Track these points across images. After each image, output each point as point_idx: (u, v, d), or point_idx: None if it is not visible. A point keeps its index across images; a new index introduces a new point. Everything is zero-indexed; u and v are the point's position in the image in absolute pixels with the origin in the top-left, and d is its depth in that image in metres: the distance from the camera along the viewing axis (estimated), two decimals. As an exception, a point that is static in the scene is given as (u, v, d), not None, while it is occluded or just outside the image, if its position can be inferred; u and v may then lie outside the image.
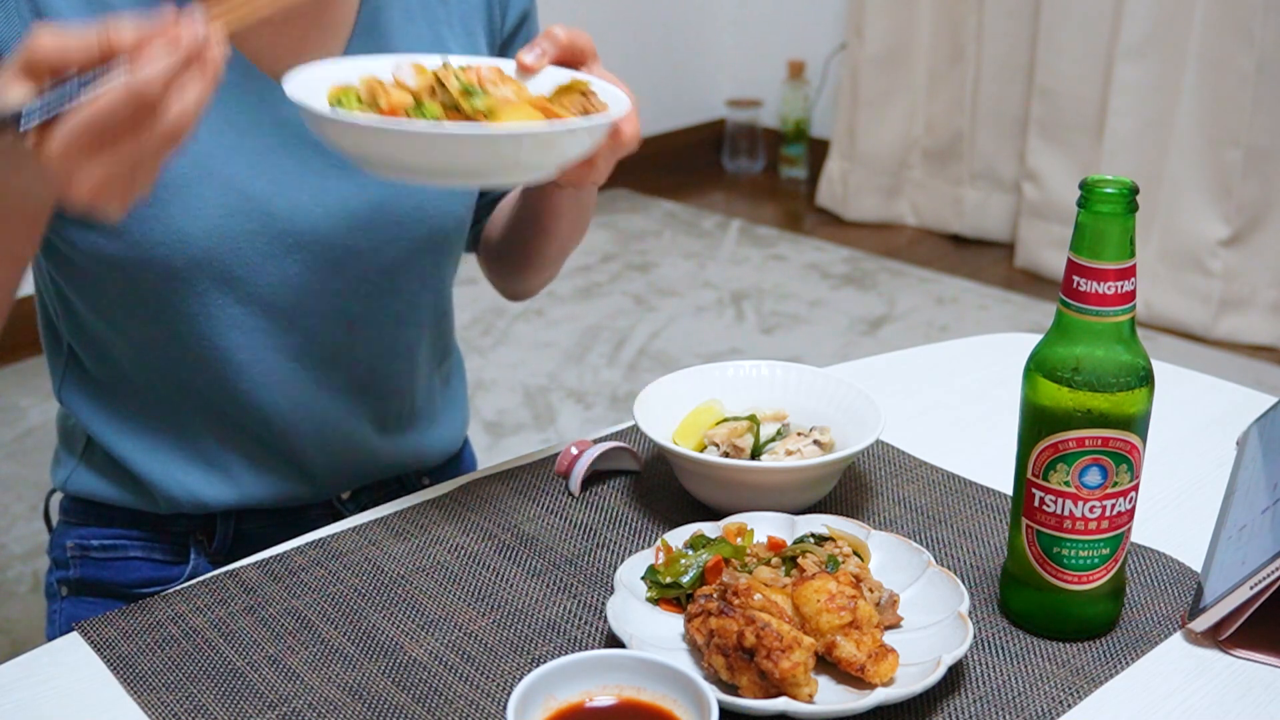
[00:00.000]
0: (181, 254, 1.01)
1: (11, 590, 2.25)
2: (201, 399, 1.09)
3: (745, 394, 1.10)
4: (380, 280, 1.11)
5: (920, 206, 3.99)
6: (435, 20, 1.12)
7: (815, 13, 4.27)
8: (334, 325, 1.10)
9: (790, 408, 1.09)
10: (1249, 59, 3.09)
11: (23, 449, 2.69)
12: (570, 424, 2.83)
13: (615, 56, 4.35)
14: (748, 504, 0.98)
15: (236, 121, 1.02)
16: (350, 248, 1.07)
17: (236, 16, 0.82)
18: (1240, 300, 3.25)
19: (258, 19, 0.83)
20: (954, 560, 0.97)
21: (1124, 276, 0.80)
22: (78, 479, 1.15)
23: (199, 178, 1.00)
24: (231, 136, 1.02)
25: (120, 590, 1.15)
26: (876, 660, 0.80)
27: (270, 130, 1.03)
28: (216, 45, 0.76)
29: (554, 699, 0.75)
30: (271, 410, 1.09)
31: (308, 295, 1.07)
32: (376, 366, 1.14)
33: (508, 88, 0.95)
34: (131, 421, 1.11)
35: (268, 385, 1.09)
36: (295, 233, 1.04)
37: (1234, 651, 0.87)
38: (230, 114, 1.01)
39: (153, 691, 0.83)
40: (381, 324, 1.13)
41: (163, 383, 1.09)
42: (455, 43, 1.13)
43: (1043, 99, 3.54)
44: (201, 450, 1.11)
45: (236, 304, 1.05)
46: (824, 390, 1.09)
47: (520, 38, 1.20)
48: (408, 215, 1.09)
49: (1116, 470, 0.83)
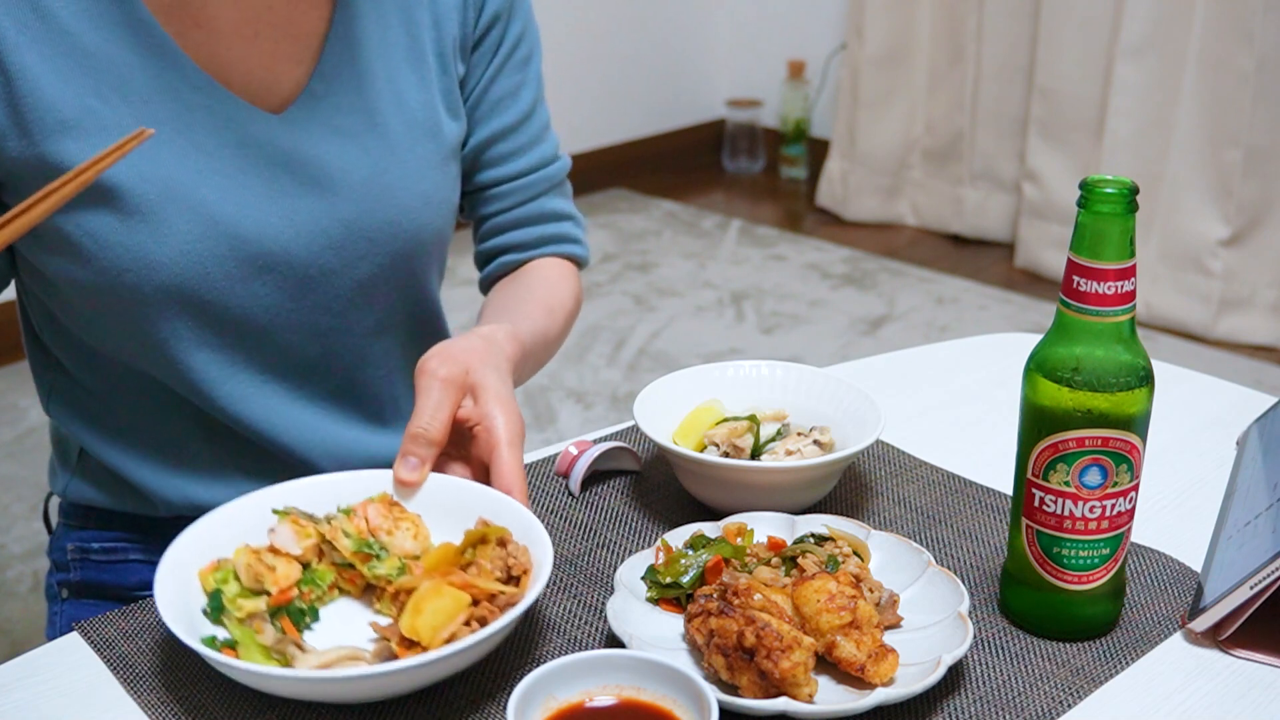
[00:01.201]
0: (150, 281, 1.00)
1: (11, 590, 2.25)
2: (188, 409, 1.09)
3: (745, 394, 1.09)
4: (354, 296, 1.09)
5: (920, 206, 3.99)
6: (414, 24, 1.10)
7: (815, 13, 4.27)
8: (307, 341, 1.09)
9: (790, 408, 1.09)
10: (1249, 59, 3.09)
11: (23, 449, 2.69)
12: (570, 424, 2.83)
13: (616, 57, 4.39)
14: (748, 504, 0.98)
15: (203, 144, 1.00)
16: (323, 267, 1.06)
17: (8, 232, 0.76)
18: (1240, 300, 3.25)
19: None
20: (954, 560, 0.97)
21: (1124, 276, 0.80)
22: (74, 489, 1.15)
23: (165, 203, 0.99)
24: (198, 160, 1.00)
25: (121, 593, 1.15)
26: (876, 660, 0.80)
27: (236, 152, 1.01)
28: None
29: (554, 699, 0.75)
30: (253, 420, 1.09)
31: (279, 314, 1.06)
32: (355, 376, 1.13)
33: (405, 532, 0.90)
34: (121, 431, 1.10)
35: (243, 399, 1.08)
36: (265, 254, 1.03)
37: (1234, 651, 0.87)
38: (196, 137, 1.00)
39: (153, 691, 0.83)
40: (357, 336, 1.12)
41: (148, 395, 1.08)
42: (430, 46, 1.11)
43: (1043, 99, 3.53)
44: (193, 456, 1.10)
45: (205, 326, 1.04)
46: (824, 390, 1.09)
47: (489, 40, 1.15)
48: (380, 231, 1.07)
49: (1116, 470, 0.83)
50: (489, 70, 1.17)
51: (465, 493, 0.94)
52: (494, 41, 1.16)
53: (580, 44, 4.15)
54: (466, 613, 0.82)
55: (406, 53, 1.09)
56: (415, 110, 1.09)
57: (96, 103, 0.97)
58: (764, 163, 4.56)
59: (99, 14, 0.97)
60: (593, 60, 4.24)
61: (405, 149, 1.08)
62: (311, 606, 0.88)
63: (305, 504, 0.92)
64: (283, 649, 0.82)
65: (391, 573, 0.88)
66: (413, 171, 1.09)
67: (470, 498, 0.94)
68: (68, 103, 0.96)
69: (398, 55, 1.09)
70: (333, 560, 0.90)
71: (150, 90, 0.99)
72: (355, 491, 0.94)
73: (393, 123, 1.08)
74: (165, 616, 0.80)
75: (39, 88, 0.95)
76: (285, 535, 0.89)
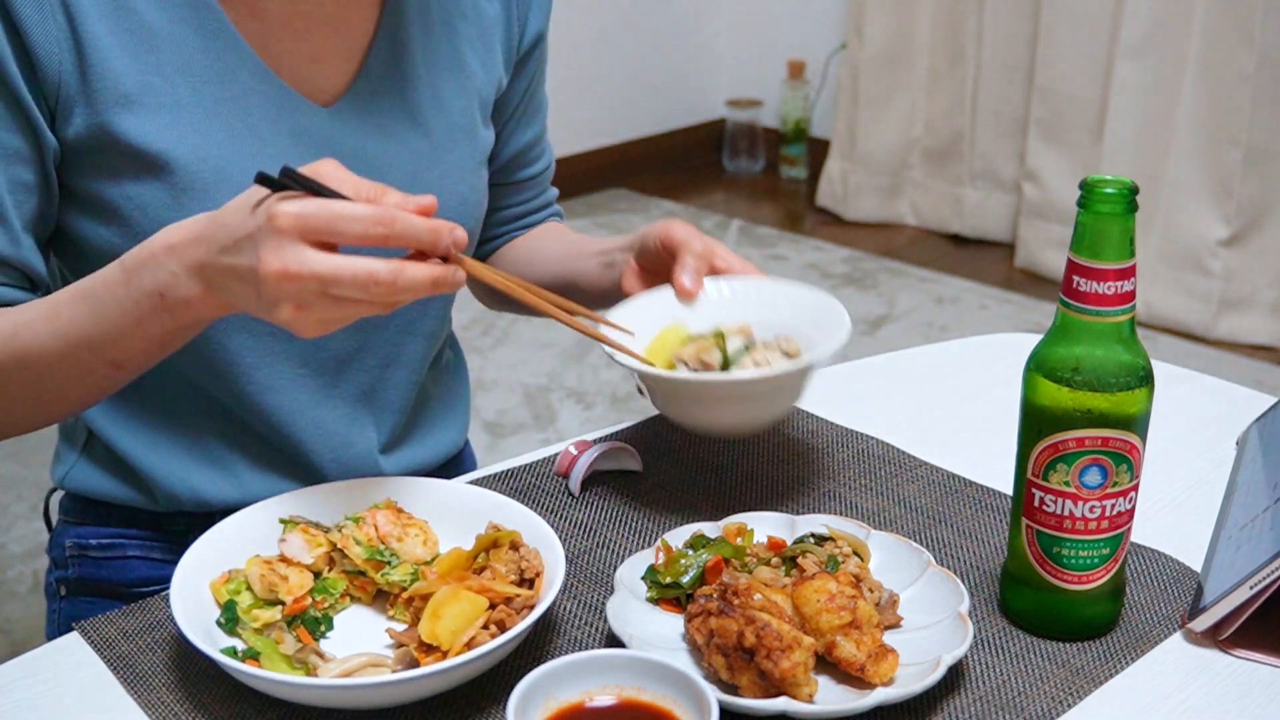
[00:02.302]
0: None
1: (11, 590, 2.25)
2: (207, 397, 1.09)
3: (707, 314, 1.09)
4: None
5: (920, 206, 3.99)
6: (455, 35, 1.13)
7: (815, 13, 4.27)
8: (345, 332, 1.10)
9: (753, 322, 1.09)
10: (1249, 59, 3.09)
11: (23, 449, 2.69)
12: (570, 424, 2.83)
13: (616, 57, 4.38)
14: (725, 419, 1.01)
15: (257, 129, 1.02)
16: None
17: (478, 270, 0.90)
18: (1240, 300, 3.25)
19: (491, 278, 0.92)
20: (954, 560, 0.97)
21: (1124, 276, 0.80)
22: (77, 474, 1.15)
23: (216, 182, 1.00)
24: (251, 143, 1.02)
25: (119, 589, 1.15)
26: (876, 660, 0.80)
27: (288, 139, 1.03)
28: (458, 275, 0.86)
29: (554, 699, 0.75)
30: (275, 413, 1.09)
31: None
32: (384, 375, 1.14)
33: (414, 538, 0.91)
34: (135, 416, 1.11)
35: (274, 389, 1.08)
36: None
37: (1234, 651, 0.87)
38: (251, 121, 1.02)
39: (153, 691, 0.83)
40: (390, 332, 1.13)
41: (169, 380, 1.09)
42: (475, 58, 1.14)
43: (1043, 99, 3.54)
44: (205, 447, 1.11)
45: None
46: (785, 302, 1.09)
47: (534, 59, 1.22)
48: None
49: (1116, 470, 0.83)
50: (530, 82, 1.24)
51: (468, 497, 0.95)
52: (537, 57, 1.23)
53: (580, 44, 4.14)
54: (484, 616, 0.82)
55: (449, 60, 1.12)
56: (455, 115, 1.13)
57: (158, 79, 0.98)
58: (764, 163, 4.56)
59: None
60: (593, 60, 4.24)
61: (446, 150, 1.11)
62: (326, 615, 0.88)
63: (308, 513, 0.93)
64: (304, 658, 0.83)
65: (405, 579, 0.88)
66: (452, 172, 1.12)
67: (473, 502, 0.95)
68: (131, 77, 0.97)
69: (440, 62, 1.11)
70: (344, 568, 0.90)
71: (211, 72, 1.00)
72: (357, 500, 0.95)
73: (434, 125, 1.11)
74: (186, 630, 0.80)
75: (107, 59, 0.97)
76: (296, 544, 0.90)
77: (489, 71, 1.16)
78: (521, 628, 0.80)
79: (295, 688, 0.79)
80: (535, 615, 0.81)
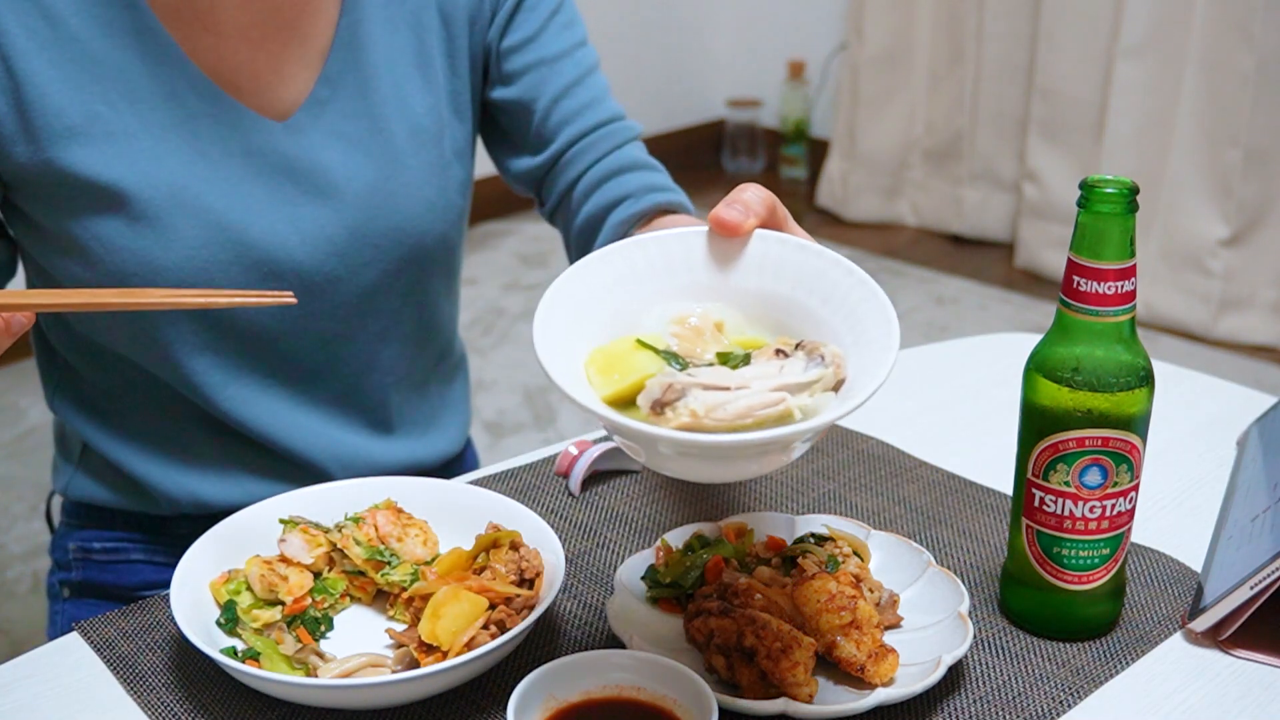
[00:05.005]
0: (154, 285, 1.00)
1: (11, 590, 2.25)
2: (193, 409, 1.09)
3: (740, 279, 0.78)
4: (359, 302, 1.09)
5: (920, 206, 3.98)
6: (420, 27, 1.09)
7: (815, 13, 4.27)
8: (311, 347, 1.09)
9: (787, 301, 0.78)
10: (1249, 59, 3.09)
11: (23, 449, 2.69)
12: (570, 424, 2.83)
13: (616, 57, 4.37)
14: (726, 475, 0.77)
15: (208, 152, 1.01)
16: (328, 274, 1.06)
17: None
18: (1240, 300, 3.25)
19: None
20: (954, 560, 0.97)
21: (1124, 276, 0.80)
22: (77, 485, 1.15)
23: (171, 209, 0.99)
24: (203, 167, 1.01)
25: (122, 593, 1.15)
26: (876, 660, 0.80)
27: (242, 159, 1.02)
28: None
29: (554, 699, 0.75)
30: (256, 422, 1.09)
31: (283, 320, 1.06)
32: (358, 383, 1.13)
33: (414, 538, 0.91)
34: (126, 427, 1.11)
35: (247, 401, 1.08)
36: (271, 261, 1.03)
37: (1234, 651, 0.87)
38: (201, 145, 1.01)
39: (153, 691, 0.83)
40: (361, 343, 1.12)
41: (154, 393, 1.09)
42: (439, 48, 1.10)
43: (1043, 99, 3.53)
44: (199, 454, 1.11)
45: (208, 330, 1.05)
46: (834, 289, 0.78)
47: (524, 5, 1.12)
48: (385, 238, 1.08)
49: (1116, 470, 0.83)
50: (531, 30, 1.13)
51: (468, 497, 0.95)
52: (529, 6, 1.13)
53: (580, 44, 4.14)
54: (484, 616, 0.82)
55: (414, 56, 1.09)
56: (419, 116, 1.09)
57: (103, 108, 0.97)
58: (764, 163, 4.56)
59: (107, 20, 0.97)
60: (593, 60, 4.24)
61: (409, 155, 1.09)
62: (325, 615, 0.88)
63: (308, 513, 0.93)
64: (304, 658, 0.83)
65: (405, 579, 0.88)
66: (416, 179, 1.09)
67: (473, 502, 0.95)
68: (75, 109, 0.97)
69: (404, 59, 1.09)
70: (344, 568, 0.90)
71: (157, 97, 0.99)
72: (357, 500, 0.95)
73: (396, 129, 1.08)
74: (185, 630, 0.80)
75: (46, 94, 0.96)
76: (296, 544, 0.90)
77: (456, 60, 1.10)
78: (521, 628, 0.80)
79: (295, 688, 0.79)
80: (535, 615, 0.81)
